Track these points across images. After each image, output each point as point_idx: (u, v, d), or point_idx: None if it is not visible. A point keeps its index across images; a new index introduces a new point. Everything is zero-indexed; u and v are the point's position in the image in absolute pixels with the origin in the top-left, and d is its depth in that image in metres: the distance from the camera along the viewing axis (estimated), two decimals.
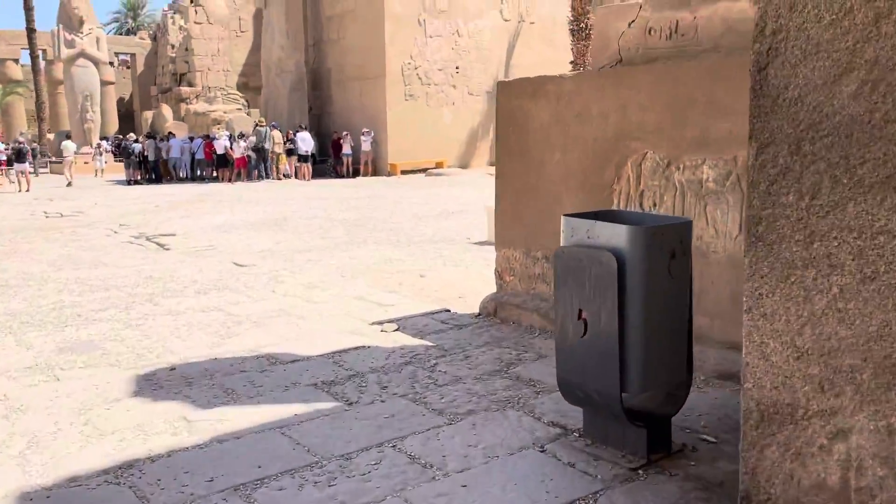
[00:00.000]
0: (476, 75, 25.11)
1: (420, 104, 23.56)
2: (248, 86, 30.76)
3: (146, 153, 22.76)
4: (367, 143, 22.42)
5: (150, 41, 38.12)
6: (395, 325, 4.96)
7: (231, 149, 21.56)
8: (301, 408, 3.49)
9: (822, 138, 2.00)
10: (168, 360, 4.36)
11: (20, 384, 3.97)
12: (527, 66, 25.66)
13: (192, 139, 23.89)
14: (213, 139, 22.44)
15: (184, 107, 29.87)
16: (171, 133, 25.20)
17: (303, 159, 22.14)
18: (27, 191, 19.67)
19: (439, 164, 23.70)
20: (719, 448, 2.92)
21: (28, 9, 28.82)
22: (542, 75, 4.87)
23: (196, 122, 28.38)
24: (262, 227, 11.28)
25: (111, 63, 32.64)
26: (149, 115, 32.40)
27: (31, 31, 29.21)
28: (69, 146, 23.02)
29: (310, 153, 22.31)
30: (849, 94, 1.94)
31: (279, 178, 21.96)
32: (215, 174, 22.26)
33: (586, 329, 2.78)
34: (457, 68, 24.57)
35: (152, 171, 23.03)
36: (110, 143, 28.18)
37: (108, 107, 33.11)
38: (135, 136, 25.76)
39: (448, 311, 5.46)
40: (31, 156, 21.71)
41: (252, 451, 3.02)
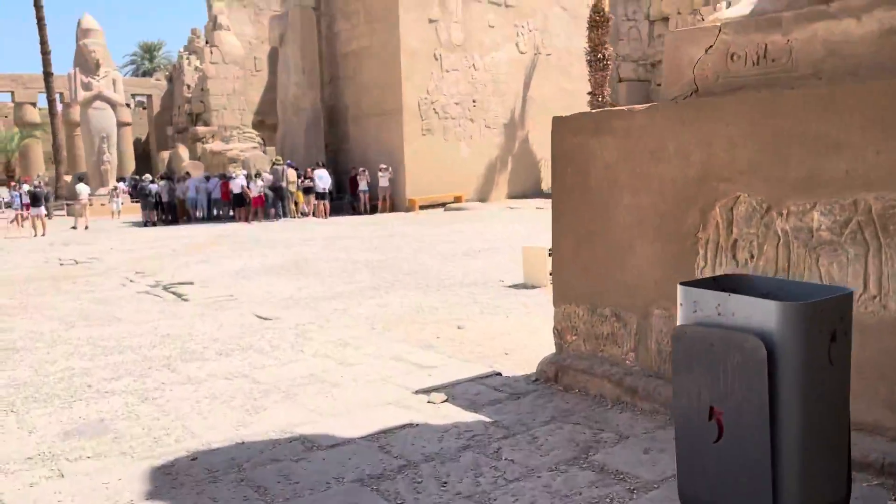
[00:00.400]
0: (493, 108, 24.86)
1: (437, 138, 23.25)
2: (265, 124, 30.66)
3: (161, 195, 22.51)
4: (384, 178, 22.07)
5: (165, 82, 38.32)
6: (443, 395, 4.35)
7: (248, 188, 21.25)
8: None
9: None
10: (188, 445, 3.78)
11: (18, 483, 3.40)
12: (543, 98, 25.43)
13: (208, 178, 23.64)
14: (230, 178, 22.17)
15: (200, 146, 29.76)
16: (187, 173, 25.00)
17: (321, 196, 21.80)
18: (42, 235, 19.41)
19: (458, 199, 23.27)
20: None
21: (45, 53, 28.94)
22: (606, 109, 4.33)
23: (212, 162, 28.24)
24: (282, 271, 10.76)
25: (128, 104, 32.69)
26: (165, 154, 32.34)
27: (48, 74, 29.32)
28: (83, 189, 22.79)
29: (327, 190, 21.98)
30: None
31: (296, 217, 21.61)
32: (232, 213, 21.94)
33: (721, 432, 2.18)
34: (473, 102, 24.31)
35: (169, 212, 22.75)
36: (127, 184, 28.01)
37: (126, 148, 33.13)
38: (150, 176, 25.57)
39: (499, 374, 4.86)
40: (45, 199, 21.48)
41: None
